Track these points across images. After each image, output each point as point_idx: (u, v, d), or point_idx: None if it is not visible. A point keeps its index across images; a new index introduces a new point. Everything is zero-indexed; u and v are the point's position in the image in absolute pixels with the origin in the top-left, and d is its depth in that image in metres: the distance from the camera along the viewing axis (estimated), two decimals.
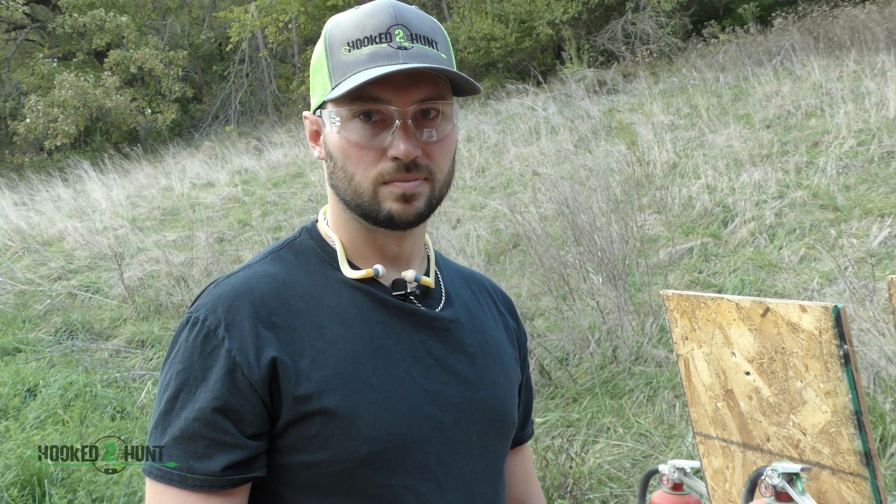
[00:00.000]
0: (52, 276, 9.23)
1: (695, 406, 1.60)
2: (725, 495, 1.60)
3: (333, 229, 1.18)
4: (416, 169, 1.08)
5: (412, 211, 1.09)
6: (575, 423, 4.59)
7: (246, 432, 1.03)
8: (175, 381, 1.04)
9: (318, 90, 1.12)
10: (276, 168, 12.96)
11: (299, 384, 1.03)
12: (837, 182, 6.87)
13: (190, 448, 1.01)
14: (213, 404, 1.01)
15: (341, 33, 1.09)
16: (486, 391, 1.19)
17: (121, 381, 6.13)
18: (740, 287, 5.63)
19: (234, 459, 1.02)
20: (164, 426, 1.03)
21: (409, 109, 1.06)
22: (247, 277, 1.11)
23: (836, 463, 1.32)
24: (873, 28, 10.69)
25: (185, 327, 1.06)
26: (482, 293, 1.33)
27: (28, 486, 4.01)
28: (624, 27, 14.18)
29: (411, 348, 1.13)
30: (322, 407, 1.03)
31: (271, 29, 17.89)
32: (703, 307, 1.50)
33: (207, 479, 1.01)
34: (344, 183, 1.10)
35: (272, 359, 1.03)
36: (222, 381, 1.02)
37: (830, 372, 1.29)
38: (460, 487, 1.13)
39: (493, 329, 1.28)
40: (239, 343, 1.03)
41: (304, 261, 1.15)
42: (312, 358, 1.06)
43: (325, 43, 1.11)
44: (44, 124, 17.35)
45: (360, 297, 1.13)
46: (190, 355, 1.04)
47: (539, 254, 6.27)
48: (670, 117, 9.85)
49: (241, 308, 1.06)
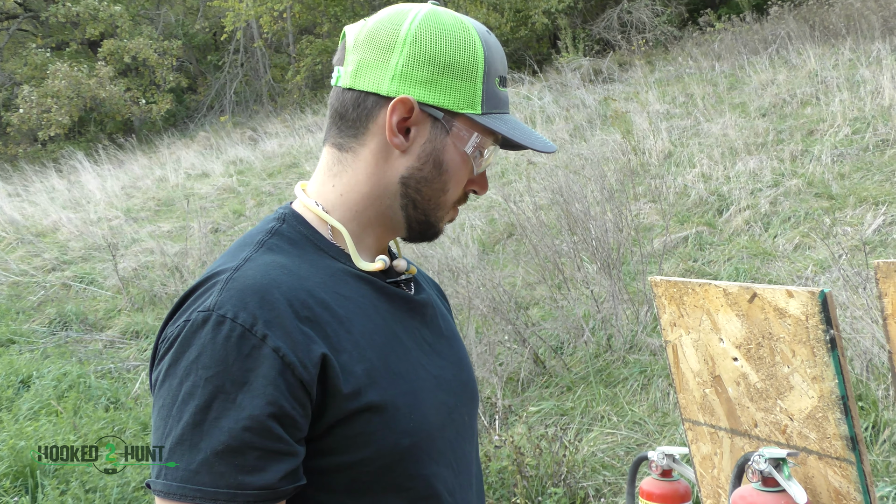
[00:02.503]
0: (46, 267, 9.21)
1: (683, 392, 1.60)
2: (714, 481, 1.59)
3: (342, 219, 1.11)
4: None
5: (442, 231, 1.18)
6: (569, 411, 4.59)
7: (295, 437, 0.94)
8: (204, 389, 0.91)
9: (457, 97, 1.07)
10: (272, 158, 12.93)
11: (346, 380, 0.97)
12: (832, 170, 6.86)
13: (238, 462, 0.90)
14: (268, 410, 0.91)
15: (497, 61, 1.12)
16: (466, 372, 1.22)
17: (115, 372, 6.13)
18: (735, 275, 5.64)
19: (289, 468, 0.93)
20: (193, 440, 0.90)
21: None
22: (263, 268, 1.00)
23: (823, 448, 1.32)
24: (869, 16, 10.66)
25: (204, 326, 0.93)
26: (422, 277, 1.32)
27: (21, 478, 4.01)
28: (620, 16, 14.14)
29: (414, 336, 1.13)
30: (367, 402, 0.98)
31: (266, 18, 17.80)
32: (691, 293, 1.49)
33: (262, 493, 0.91)
34: (436, 195, 1.12)
35: (321, 356, 0.96)
36: (273, 384, 0.92)
37: (817, 357, 1.28)
38: (465, 468, 1.15)
39: (445, 311, 1.30)
40: (285, 341, 0.93)
41: (302, 251, 1.07)
42: (350, 352, 1.00)
43: (484, 60, 1.09)
44: (37, 115, 17.27)
45: (365, 287, 1.09)
46: (223, 358, 0.91)
47: (534, 243, 6.27)
48: (666, 106, 9.83)
49: (275, 302, 0.95)
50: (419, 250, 6.31)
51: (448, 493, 1.09)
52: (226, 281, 0.97)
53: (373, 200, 1.11)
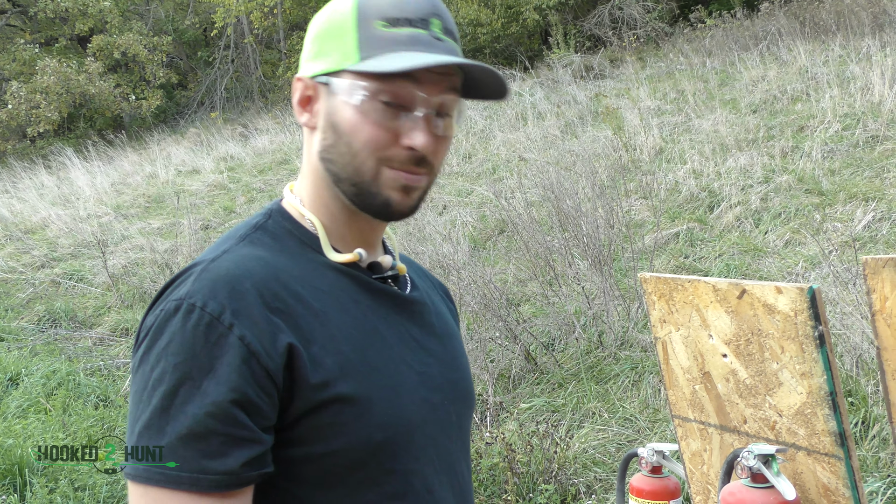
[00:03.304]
0: (35, 264, 9.16)
1: (673, 389, 1.59)
2: (703, 477, 1.59)
3: (312, 209, 1.12)
4: (423, 163, 1.06)
5: (409, 203, 1.08)
6: (560, 408, 4.60)
7: (260, 425, 0.95)
8: (172, 375, 0.93)
9: (334, 56, 1.06)
10: (262, 155, 12.89)
11: (315, 371, 0.98)
12: (822, 166, 6.88)
13: (201, 446, 0.91)
14: (230, 396, 0.92)
15: (377, 7, 1.04)
16: (458, 371, 1.20)
17: (104, 369, 6.10)
18: (725, 272, 5.65)
19: (252, 455, 0.94)
20: (160, 425, 0.92)
21: (435, 100, 1.04)
22: (239, 259, 1.02)
23: (812, 444, 1.32)
24: (859, 13, 10.69)
25: (176, 315, 0.95)
26: (425, 277, 1.32)
27: (9, 476, 3.98)
28: (611, 12, 14.14)
29: (398, 332, 1.12)
30: (337, 393, 0.99)
31: (256, 14, 17.74)
32: (681, 290, 1.49)
33: (225, 478, 0.92)
34: (345, 158, 1.06)
35: (288, 345, 0.96)
36: (237, 372, 0.93)
37: (806, 353, 1.28)
38: (448, 467, 1.13)
39: (445, 311, 1.29)
40: (251, 330, 0.95)
41: (283, 244, 1.09)
42: (321, 344, 1.00)
43: (356, 10, 1.05)
44: (26, 111, 17.16)
45: (346, 281, 1.09)
46: (191, 345, 0.93)
47: (525, 239, 6.27)
48: (657, 102, 9.84)
49: (245, 292, 0.97)
50: (410, 247, 6.30)
51: (426, 491, 1.08)
52: (200, 271, 1.00)
53: (319, 186, 1.12)
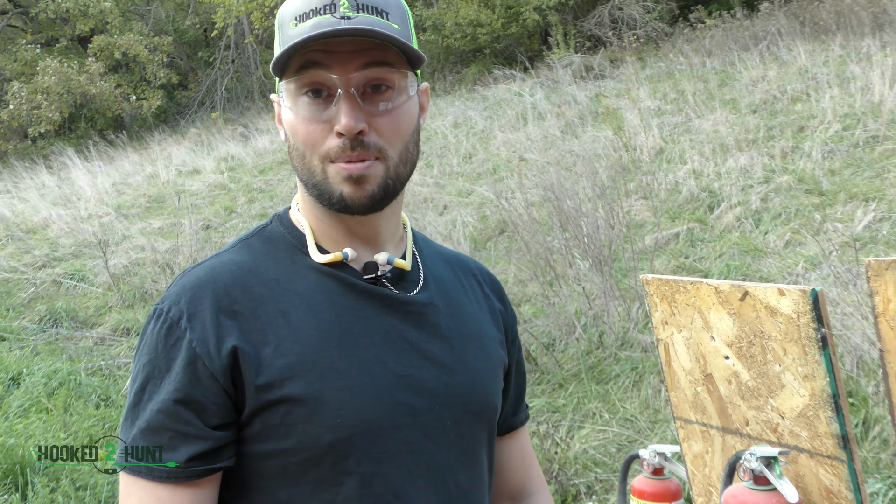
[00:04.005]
0: (36, 263, 9.17)
1: (675, 390, 1.60)
2: (705, 479, 1.60)
3: (303, 214, 1.16)
4: (362, 147, 1.04)
5: (364, 194, 1.06)
6: (561, 408, 4.60)
7: (209, 423, 1.02)
8: (142, 374, 1.04)
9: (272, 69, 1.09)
10: (263, 155, 12.89)
11: (261, 373, 1.02)
12: (823, 167, 6.88)
13: (155, 440, 1.01)
14: (175, 396, 1.01)
15: (291, 9, 1.06)
16: (463, 375, 1.16)
17: (105, 369, 6.10)
18: (726, 272, 5.65)
19: (197, 450, 1.01)
20: (132, 418, 1.03)
21: (352, 77, 1.03)
22: (211, 267, 1.10)
23: (814, 446, 1.32)
24: (859, 12, 10.69)
25: (152, 319, 1.06)
26: (466, 276, 1.29)
27: (11, 475, 3.99)
28: (611, 12, 14.14)
29: (383, 333, 1.10)
30: (284, 395, 1.02)
31: (257, 14, 17.74)
32: (683, 291, 1.49)
33: (172, 470, 1.00)
34: (298, 162, 1.09)
35: (233, 348, 1.02)
36: (184, 373, 1.01)
37: (808, 355, 1.28)
38: (431, 474, 1.10)
39: (474, 312, 1.24)
40: (200, 334, 1.02)
41: (273, 248, 1.14)
42: (276, 345, 1.04)
43: (278, 18, 1.09)
44: (27, 111, 17.17)
45: (329, 282, 1.10)
46: (154, 347, 1.04)
47: (525, 240, 6.27)
48: (657, 102, 9.85)
49: (202, 298, 1.05)
50: None
51: (392, 496, 1.06)
52: (179, 277, 1.10)
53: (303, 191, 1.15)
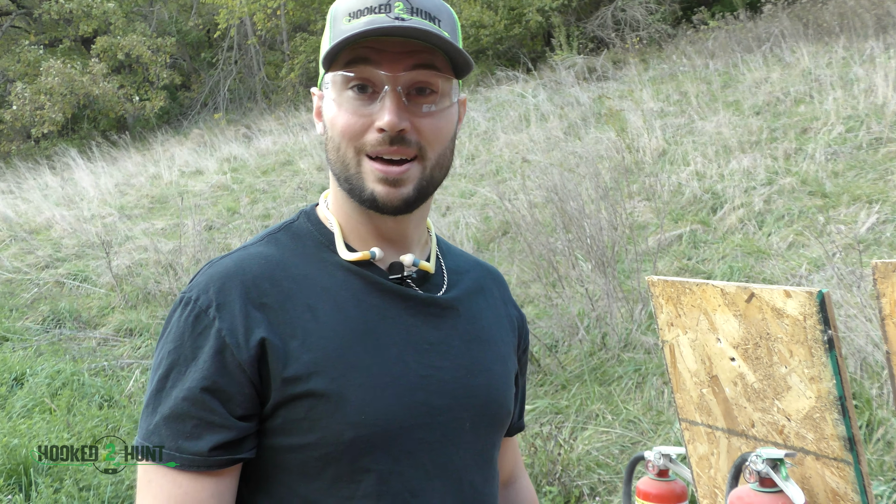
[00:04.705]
0: (39, 264, 9.18)
1: (680, 392, 1.60)
2: (710, 481, 1.60)
3: (333, 211, 1.17)
4: (401, 143, 1.05)
5: (398, 196, 1.07)
6: (564, 409, 4.59)
7: (235, 413, 1.02)
8: (166, 361, 1.03)
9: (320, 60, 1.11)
10: (265, 156, 12.90)
11: (288, 365, 1.02)
12: (826, 168, 6.87)
13: (179, 427, 1.00)
14: (202, 384, 1.00)
15: (345, 6, 1.09)
16: (481, 378, 1.17)
17: (108, 369, 6.11)
18: (729, 274, 5.64)
19: (221, 440, 1.01)
20: (154, 405, 1.03)
21: (400, 76, 1.05)
22: (240, 258, 1.09)
23: (820, 448, 1.32)
24: (862, 14, 10.68)
25: (178, 307, 1.06)
26: (486, 281, 1.30)
27: (14, 476, 3.99)
28: (613, 14, 14.14)
29: (405, 332, 1.11)
30: (310, 389, 1.02)
31: (259, 16, 17.76)
32: (689, 293, 1.49)
33: (195, 458, 1.00)
34: (333, 154, 1.10)
35: (261, 340, 1.02)
36: (211, 361, 1.01)
37: (815, 357, 1.28)
38: (448, 474, 1.11)
39: (492, 318, 1.26)
40: (229, 323, 1.02)
41: (301, 243, 1.14)
42: (302, 340, 1.04)
43: (330, 13, 1.11)
44: (30, 112, 17.20)
45: (355, 280, 1.11)
46: (181, 335, 1.03)
47: (528, 241, 6.27)
48: (660, 104, 9.84)
49: (231, 288, 1.05)
50: None
51: (409, 494, 1.07)
52: (207, 267, 1.10)
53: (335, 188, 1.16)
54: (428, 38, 1.03)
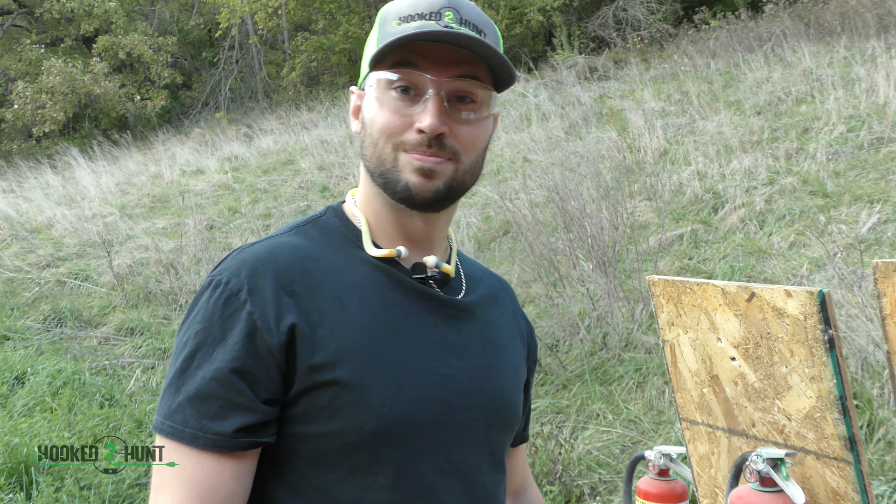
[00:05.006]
0: (40, 263, 9.18)
1: (681, 392, 1.60)
2: (711, 481, 1.60)
3: (361, 208, 1.19)
4: (438, 147, 1.09)
5: (430, 187, 1.10)
6: (564, 409, 4.59)
7: (261, 396, 1.02)
8: (193, 341, 1.04)
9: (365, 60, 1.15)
10: (267, 155, 12.90)
11: (315, 353, 1.03)
12: (827, 168, 6.87)
13: (204, 407, 1.00)
14: (232, 365, 1.01)
15: (395, 9, 1.12)
16: (495, 381, 1.20)
17: (109, 368, 6.11)
18: (730, 273, 5.64)
19: (246, 422, 1.01)
20: (178, 384, 1.03)
21: (445, 81, 1.09)
22: (271, 246, 1.11)
23: (821, 448, 1.32)
24: (864, 14, 10.68)
25: (207, 289, 1.07)
26: (499, 291, 1.34)
27: (15, 474, 3.99)
28: (615, 13, 14.13)
29: (427, 331, 1.14)
30: (336, 377, 1.03)
31: (261, 15, 17.76)
32: (689, 292, 1.49)
33: (219, 439, 1.00)
34: (370, 150, 1.12)
35: (291, 325, 1.03)
36: (241, 343, 1.02)
37: (815, 357, 1.28)
38: (461, 473, 1.13)
39: (505, 326, 1.29)
40: (261, 307, 1.03)
41: (328, 237, 1.16)
42: (330, 329, 1.06)
43: (379, 16, 1.14)
44: (32, 111, 17.20)
45: (381, 276, 1.14)
46: (210, 316, 1.04)
47: (529, 241, 6.27)
48: (661, 104, 9.84)
49: (263, 274, 1.06)
50: None
51: (424, 489, 1.09)
52: (237, 252, 1.11)
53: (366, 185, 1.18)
54: (477, 46, 1.07)
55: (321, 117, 14.65)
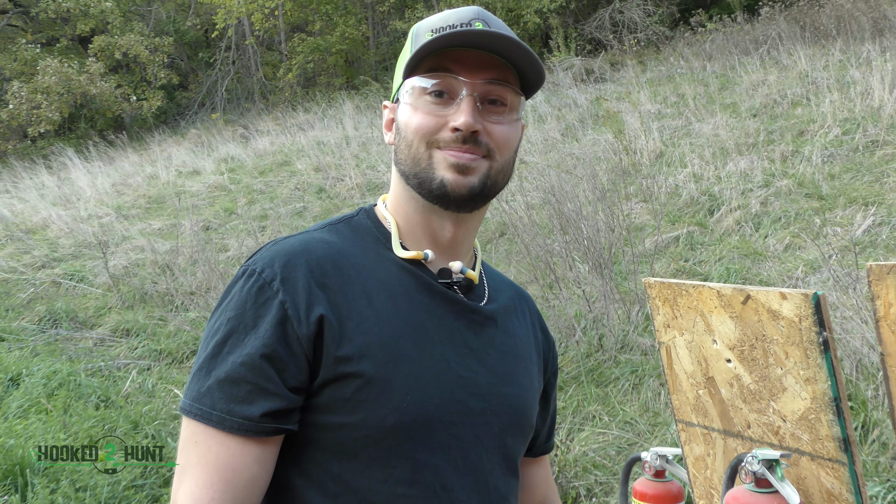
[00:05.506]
0: (35, 264, 9.16)
1: (676, 393, 1.60)
2: (706, 482, 1.60)
3: (391, 211, 1.23)
4: (473, 143, 1.13)
5: (466, 184, 1.13)
6: (561, 411, 4.60)
7: (288, 383, 1.05)
8: (225, 327, 1.07)
9: (399, 72, 1.20)
10: (263, 156, 12.89)
11: (342, 345, 1.07)
12: (822, 171, 6.89)
13: (233, 391, 1.03)
14: (262, 351, 1.04)
15: (428, 24, 1.19)
16: (512, 388, 1.23)
17: (105, 370, 6.10)
18: (725, 275, 5.65)
19: (273, 407, 1.04)
20: (209, 369, 1.06)
21: (478, 83, 1.13)
22: (305, 240, 1.15)
23: (816, 449, 1.33)
24: (859, 17, 10.71)
25: (241, 278, 1.10)
26: (520, 302, 1.37)
27: (10, 476, 3.98)
28: (611, 15, 14.16)
29: (449, 334, 1.17)
30: (359, 370, 1.06)
31: (257, 16, 17.76)
32: (685, 295, 1.49)
33: (245, 423, 1.03)
34: (404, 153, 1.17)
35: (320, 317, 1.06)
36: (273, 331, 1.05)
37: (810, 359, 1.29)
38: (475, 474, 1.16)
39: (523, 335, 1.32)
40: (292, 297, 1.07)
41: (360, 237, 1.20)
42: (357, 323, 1.09)
43: (413, 30, 1.19)
44: (27, 111, 17.18)
45: (408, 278, 1.17)
46: (243, 304, 1.07)
47: (525, 242, 6.27)
48: (657, 106, 9.86)
49: (297, 265, 1.10)
50: None
51: (440, 486, 1.11)
52: (272, 245, 1.15)
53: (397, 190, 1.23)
54: (510, 44, 1.11)
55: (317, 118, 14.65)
